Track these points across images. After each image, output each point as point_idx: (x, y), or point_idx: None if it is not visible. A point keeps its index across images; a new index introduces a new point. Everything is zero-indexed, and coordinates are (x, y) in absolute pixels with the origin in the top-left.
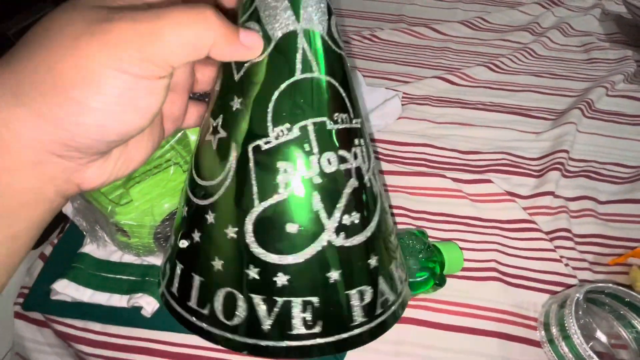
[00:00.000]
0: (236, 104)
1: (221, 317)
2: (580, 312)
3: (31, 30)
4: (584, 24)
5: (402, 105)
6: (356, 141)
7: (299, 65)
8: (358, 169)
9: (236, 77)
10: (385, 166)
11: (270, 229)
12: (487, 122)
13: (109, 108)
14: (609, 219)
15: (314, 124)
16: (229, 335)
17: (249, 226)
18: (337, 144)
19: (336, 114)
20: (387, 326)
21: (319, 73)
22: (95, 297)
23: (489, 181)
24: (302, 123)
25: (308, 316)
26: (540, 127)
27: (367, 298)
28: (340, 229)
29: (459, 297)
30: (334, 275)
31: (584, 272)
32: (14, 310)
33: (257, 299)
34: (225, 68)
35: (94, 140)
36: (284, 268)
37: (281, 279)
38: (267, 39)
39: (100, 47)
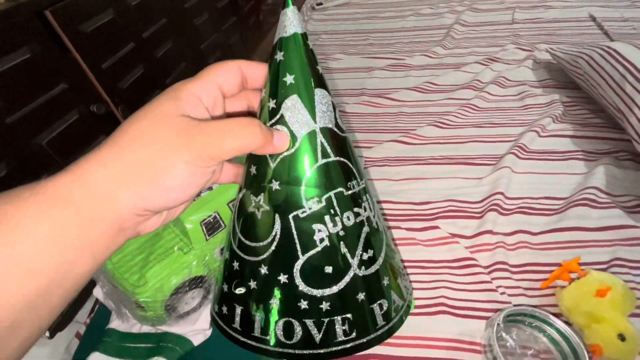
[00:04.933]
0: (275, 185)
1: (283, 339)
2: (501, 333)
3: (128, 125)
4: (518, 75)
5: (365, 168)
6: (364, 197)
7: (319, 155)
8: (368, 218)
9: (272, 165)
10: None
11: (313, 272)
12: (437, 174)
13: (178, 185)
14: (541, 248)
15: (335, 194)
16: (290, 350)
17: (296, 272)
18: (352, 205)
19: (349, 183)
20: (400, 324)
21: (333, 156)
22: None
23: (437, 227)
24: (327, 195)
25: (346, 327)
26: (482, 173)
27: (385, 307)
28: (361, 264)
29: (413, 332)
30: (361, 296)
31: (520, 297)
32: None
33: (309, 322)
34: (261, 159)
35: (165, 207)
36: (326, 298)
37: (324, 306)
38: (293, 136)
39: (182, 153)
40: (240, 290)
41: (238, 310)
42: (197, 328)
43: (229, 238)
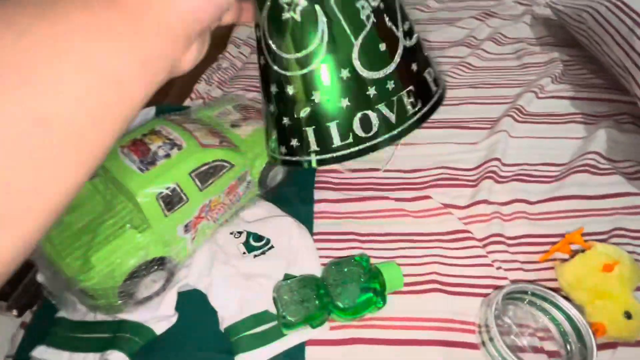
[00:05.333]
0: None
1: (364, 134)
2: (499, 313)
3: None
4: (515, 31)
5: None
6: None
7: None
8: None
9: None
10: (334, 195)
11: (370, 54)
12: (428, 139)
13: None
14: (538, 218)
15: None
16: (371, 142)
17: (356, 61)
18: None
19: None
20: (444, 94)
21: None
22: (72, 359)
23: (428, 197)
24: None
25: (412, 99)
26: (477, 137)
27: (433, 74)
28: (405, 34)
29: (403, 312)
30: (414, 66)
31: (516, 272)
32: None
33: (382, 106)
34: None
35: (214, 11)
36: (389, 75)
37: (390, 84)
38: None
39: None
40: (305, 111)
41: (310, 132)
42: (159, 314)
43: (267, 74)
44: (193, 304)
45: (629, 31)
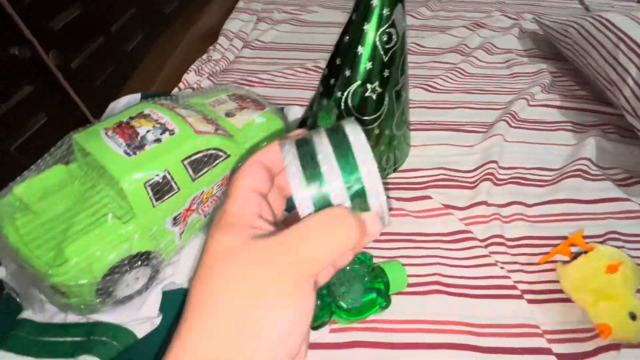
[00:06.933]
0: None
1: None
2: None
3: (197, 296)
4: (505, 42)
5: None
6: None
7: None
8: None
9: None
10: None
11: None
12: (425, 140)
13: (287, 333)
14: (536, 220)
15: None
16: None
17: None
18: None
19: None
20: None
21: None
22: None
23: (428, 197)
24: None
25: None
26: (473, 140)
27: None
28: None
29: (406, 314)
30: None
31: (517, 273)
32: None
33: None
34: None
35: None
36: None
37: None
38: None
39: (272, 284)
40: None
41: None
42: (141, 316)
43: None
44: (179, 305)
45: (614, 47)
